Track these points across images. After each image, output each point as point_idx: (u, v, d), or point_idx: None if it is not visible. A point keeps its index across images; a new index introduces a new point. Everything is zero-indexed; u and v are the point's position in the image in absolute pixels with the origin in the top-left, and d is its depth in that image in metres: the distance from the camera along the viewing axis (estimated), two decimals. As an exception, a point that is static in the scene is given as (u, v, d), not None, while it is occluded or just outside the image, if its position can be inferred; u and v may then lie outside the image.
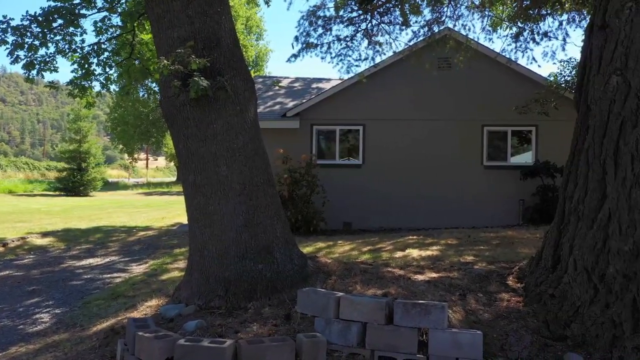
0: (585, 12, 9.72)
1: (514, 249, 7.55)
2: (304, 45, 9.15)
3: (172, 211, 19.11)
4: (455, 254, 7.28)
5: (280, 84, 16.18)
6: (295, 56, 9.53)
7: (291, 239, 5.74)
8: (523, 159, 13.58)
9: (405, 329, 4.24)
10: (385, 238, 9.99)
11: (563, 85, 12.11)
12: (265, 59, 45.95)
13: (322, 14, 9.13)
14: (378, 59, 10.18)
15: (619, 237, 4.33)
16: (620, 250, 4.32)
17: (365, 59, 9.78)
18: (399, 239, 9.51)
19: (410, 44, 10.37)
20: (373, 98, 13.44)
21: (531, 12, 9.64)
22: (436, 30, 9.85)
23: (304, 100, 14.06)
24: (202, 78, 4.98)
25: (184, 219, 12.72)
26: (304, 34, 9.14)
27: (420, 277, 5.66)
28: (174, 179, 51.24)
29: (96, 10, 8.36)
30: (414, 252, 7.55)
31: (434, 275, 5.78)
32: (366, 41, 9.46)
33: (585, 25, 5.11)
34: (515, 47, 10.42)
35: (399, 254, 7.54)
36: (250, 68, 34.58)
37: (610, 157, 4.46)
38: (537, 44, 10.35)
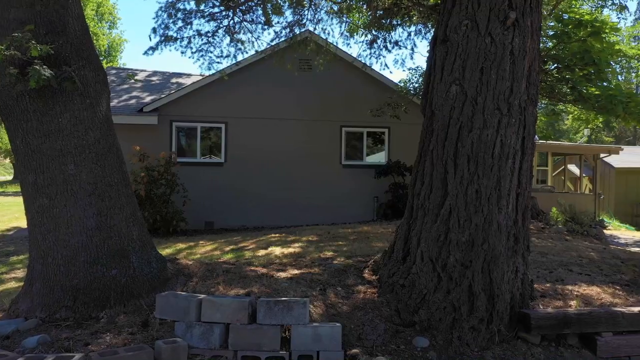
0: (430, 26, 10.69)
1: (370, 244, 8.03)
2: (163, 38, 8.69)
3: (8, 214, 16.96)
4: (316, 250, 7.52)
5: (136, 77, 15.26)
6: (153, 49, 9.01)
7: (149, 241, 5.45)
8: (377, 158, 14.52)
9: (269, 327, 4.28)
10: (248, 237, 9.97)
11: (412, 91, 13.18)
12: (119, 49, 42.94)
13: (182, 7, 8.76)
14: (240, 57, 10.07)
15: (458, 230, 4.84)
16: (458, 242, 4.82)
17: (227, 56, 9.57)
18: (262, 237, 9.56)
19: (273, 43, 10.46)
20: (236, 96, 13.34)
21: (384, 21, 10.32)
22: (297, 32, 10.06)
23: (163, 95, 13.45)
24: (44, 67, 4.49)
25: (23, 223, 11.38)
26: (163, 26, 8.68)
27: (282, 275, 5.74)
28: (10, 177, 45.49)
29: None
30: (277, 250, 7.65)
31: (296, 271, 5.91)
32: (228, 38, 9.30)
33: (430, 38, 5.61)
34: (370, 53, 11.08)
35: (261, 252, 7.58)
36: (102, 58, 32.07)
37: (450, 158, 4.96)
38: (389, 51, 11.13)
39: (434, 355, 4.37)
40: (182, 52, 9.38)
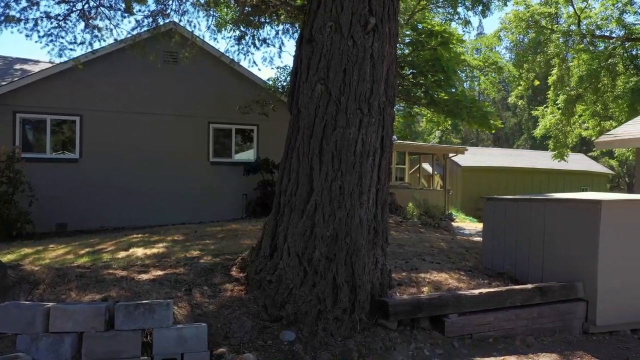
0: (297, 26, 10.88)
1: (238, 241, 7.96)
2: (2, 18, 7.71)
3: None
4: (182, 249, 7.27)
5: (-30, 61, 13.38)
6: (-10, 29, 7.96)
7: (-15, 247, 4.82)
8: (246, 156, 14.45)
9: (128, 332, 4.03)
10: (107, 238, 9.30)
11: (280, 89, 13.34)
12: (-52, 28, 37.25)
13: (26, -16, 7.84)
14: (97, 45, 9.32)
15: (323, 225, 4.99)
16: (323, 236, 4.98)
17: (82, 43, 8.76)
18: (123, 238, 8.98)
19: (134, 33, 9.84)
20: (93, 87, 12.36)
21: (252, 18, 10.29)
22: (161, 23, 9.58)
23: (4, 83, 11.98)
24: None
25: None
26: (2, 4, 7.71)
27: (145, 277, 5.45)
28: None
29: None
30: (139, 251, 7.23)
31: (160, 273, 5.65)
32: (83, 23, 8.55)
33: (297, 37, 5.71)
34: (238, 49, 10.98)
35: (122, 254, 7.11)
36: None
37: (316, 155, 5.09)
38: (258, 48, 11.13)
39: (300, 348, 4.46)
40: (27, 36, 8.35)
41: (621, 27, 18.75)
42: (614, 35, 19.14)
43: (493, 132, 17.17)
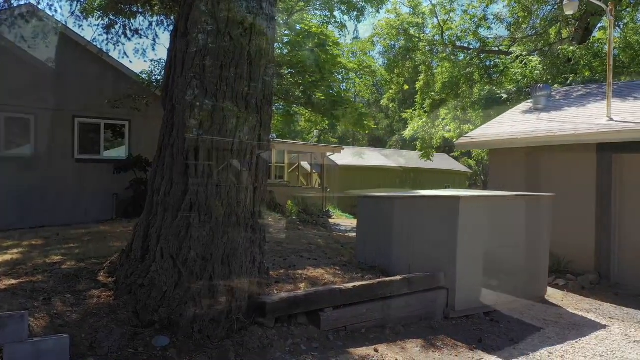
0: (173, 18, 10.46)
1: (107, 244, 7.46)
2: None
3: None
4: (41, 255, 6.63)
5: None
6: None
7: None
8: (117, 153, 13.58)
9: (-28, 351, 3.58)
10: (-52, 245, 8.17)
11: (154, 83, 12.74)
12: None
13: None
14: None
15: (199, 224, 4.85)
16: (200, 236, 4.84)
17: None
18: (-32, 245, 7.95)
19: (-17, 13, 8.77)
20: None
21: (123, 7, 9.69)
22: (16, 4, 8.66)
23: None
24: None
25: None
26: None
27: (-6, 287, 4.88)
28: None
29: None
30: (-12, 259, 6.46)
31: (13, 282, 5.10)
32: None
33: (172, 30, 5.48)
34: (107, 39, 10.30)
35: (-34, 262, 6.29)
36: None
37: (191, 152, 4.94)
38: (129, 39, 10.51)
39: (174, 352, 4.29)
40: None
41: (477, 40, 20.74)
42: (471, 46, 21.12)
43: (367, 132, 18.02)
